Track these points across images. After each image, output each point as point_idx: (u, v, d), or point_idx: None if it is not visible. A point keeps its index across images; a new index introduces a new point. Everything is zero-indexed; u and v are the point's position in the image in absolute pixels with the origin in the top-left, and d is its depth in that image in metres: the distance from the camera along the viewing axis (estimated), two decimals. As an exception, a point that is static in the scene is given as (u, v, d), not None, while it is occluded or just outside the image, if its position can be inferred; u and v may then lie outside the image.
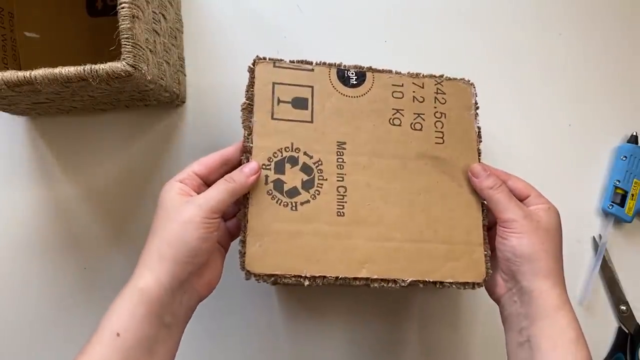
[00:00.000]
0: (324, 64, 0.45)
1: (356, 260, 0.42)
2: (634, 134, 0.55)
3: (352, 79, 0.45)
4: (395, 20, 0.56)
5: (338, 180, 0.43)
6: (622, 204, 0.54)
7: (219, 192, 0.38)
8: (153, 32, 0.45)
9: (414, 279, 0.42)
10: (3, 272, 0.57)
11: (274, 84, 0.44)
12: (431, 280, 0.42)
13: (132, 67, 0.39)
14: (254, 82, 0.44)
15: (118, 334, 0.34)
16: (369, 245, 0.42)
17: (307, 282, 0.40)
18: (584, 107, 0.56)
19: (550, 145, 0.56)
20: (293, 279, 0.40)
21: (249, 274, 0.40)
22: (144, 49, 0.41)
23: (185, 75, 0.56)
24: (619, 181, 0.54)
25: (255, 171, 0.41)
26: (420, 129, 0.45)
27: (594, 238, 0.56)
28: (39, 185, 0.57)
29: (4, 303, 0.57)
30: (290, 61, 0.45)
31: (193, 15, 0.56)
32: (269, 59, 0.45)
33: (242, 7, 0.57)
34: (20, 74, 0.39)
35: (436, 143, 0.45)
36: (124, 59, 0.39)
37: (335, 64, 0.45)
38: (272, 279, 0.41)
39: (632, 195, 0.55)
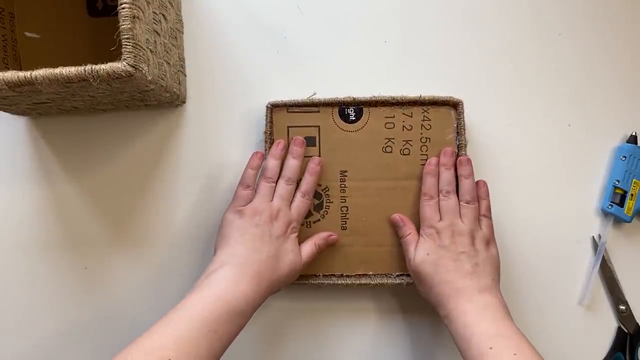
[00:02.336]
0: (328, 104, 0.53)
1: (356, 262, 0.54)
2: (634, 134, 0.55)
3: (351, 115, 0.53)
4: (395, 20, 0.56)
5: (341, 202, 0.54)
6: (621, 203, 0.54)
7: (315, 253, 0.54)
8: (153, 33, 0.45)
9: (400, 273, 0.53)
10: (3, 271, 0.57)
11: (288, 127, 0.53)
12: None
13: (133, 67, 0.39)
14: (272, 129, 0.53)
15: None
16: (365, 250, 0.54)
17: (323, 279, 0.53)
18: (584, 107, 0.56)
19: (549, 145, 0.56)
20: (311, 278, 0.53)
21: None
22: (144, 50, 0.41)
23: (185, 76, 0.56)
24: (618, 181, 0.54)
25: None
26: (409, 154, 0.54)
27: (593, 238, 0.56)
28: (39, 185, 0.57)
29: (4, 302, 0.57)
30: (299, 106, 0.53)
31: (193, 15, 0.56)
32: (283, 105, 0.53)
33: (242, 7, 0.57)
34: (21, 74, 0.39)
35: (421, 164, 0.53)
36: (124, 59, 0.39)
37: (337, 101, 0.53)
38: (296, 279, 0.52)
39: (632, 195, 0.55)
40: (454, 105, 0.53)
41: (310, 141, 0.54)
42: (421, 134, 0.53)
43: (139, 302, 0.56)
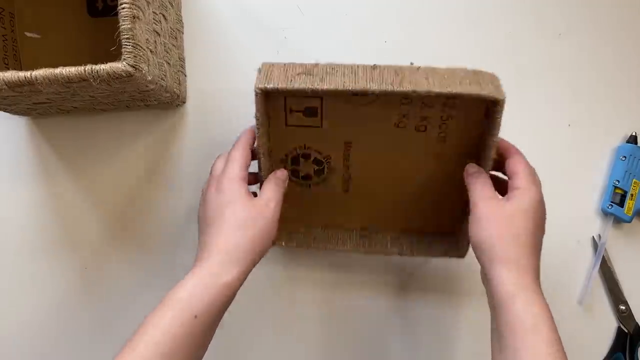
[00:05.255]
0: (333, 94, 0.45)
1: (357, 220, 0.54)
2: (634, 134, 0.55)
3: None
4: (395, 20, 0.56)
5: (345, 170, 0.51)
6: (621, 204, 0.54)
7: (279, 192, 0.46)
8: (153, 33, 0.45)
9: (402, 229, 0.54)
10: (3, 271, 0.57)
11: (285, 97, 0.46)
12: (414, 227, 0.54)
13: (133, 67, 0.39)
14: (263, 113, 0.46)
15: (196, 316, 0.39)
16: (364, 209, 0.54)
17: (320, 230, 0.54)
18: (584, 107, 0.56)
19: (549, 145, 0.56)
20: (313, 229, 0.55)
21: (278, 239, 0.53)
22: (144, 50, 0.41)
23: (185, 76, 0.56)
24: (618, 181, 0.54)
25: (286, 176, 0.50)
26: (424, 130, 0.47)
27: (593, 238, 0.56)
28: (39, 185, 0.57)
29: (4, 302, 0.57)
30: (299, 96, 0.46)
31: (193, 15, 0.56)
32: (276, 91, 0.44)
33: (242, 7, 0.57)
34: (21, 74, 0.39)
35: (438, 141, 0.48)
36: (124, 59, 0.39)
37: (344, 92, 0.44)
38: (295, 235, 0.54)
39: (632, 195, 0.55)
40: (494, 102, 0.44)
41: (311, 112, 0.47)
42: (443, 112, 0.46)
43: (139, 302, 0.56)
